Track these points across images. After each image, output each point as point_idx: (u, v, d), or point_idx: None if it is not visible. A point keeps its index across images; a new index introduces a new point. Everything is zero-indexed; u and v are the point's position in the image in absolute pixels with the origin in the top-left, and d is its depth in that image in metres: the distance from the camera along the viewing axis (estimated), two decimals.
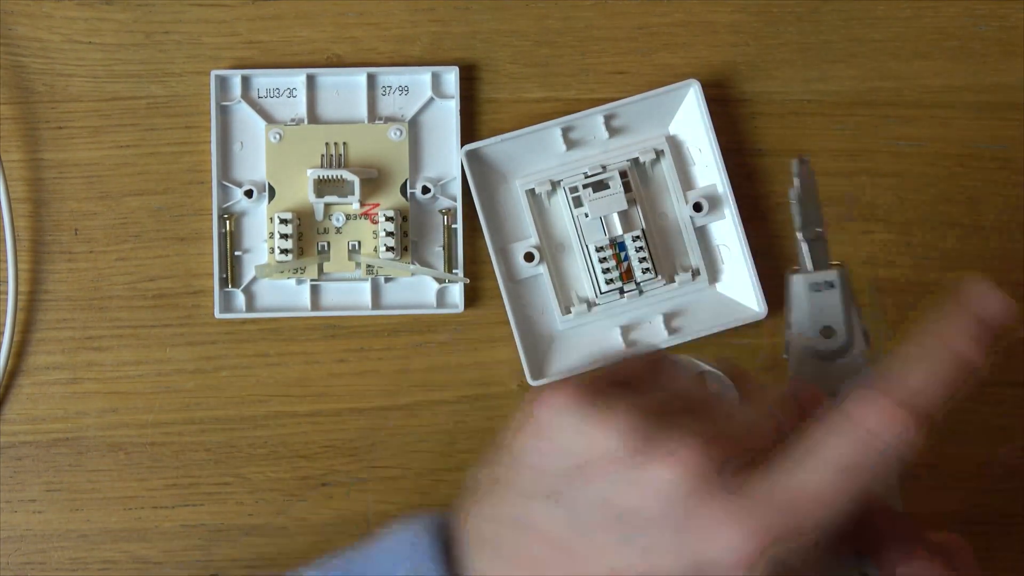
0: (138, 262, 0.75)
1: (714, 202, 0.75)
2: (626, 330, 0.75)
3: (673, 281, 0.74)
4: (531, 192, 0.74)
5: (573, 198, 0.74)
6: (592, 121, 0.74)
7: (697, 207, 0.74)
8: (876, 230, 0.76)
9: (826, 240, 0.56)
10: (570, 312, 0.74)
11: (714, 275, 0.75)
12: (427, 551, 0.57)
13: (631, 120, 0.75)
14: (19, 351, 0.75)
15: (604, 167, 0.74)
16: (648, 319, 0.75)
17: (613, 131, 0.75)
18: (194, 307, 0.75)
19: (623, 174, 0.74)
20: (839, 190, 0.76)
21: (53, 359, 0.75)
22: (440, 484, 0.75)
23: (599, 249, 0.74)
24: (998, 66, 0.77)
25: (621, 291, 0.74)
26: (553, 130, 0.74)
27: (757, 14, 0.76)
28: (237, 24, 0.75)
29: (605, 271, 0.74)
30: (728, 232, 0.75)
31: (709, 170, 0.75)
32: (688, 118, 0.75)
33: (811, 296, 0.56)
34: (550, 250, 0.75)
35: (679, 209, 0.75)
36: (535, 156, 0.75)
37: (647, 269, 0.74)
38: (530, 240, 0.74)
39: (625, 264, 0.74)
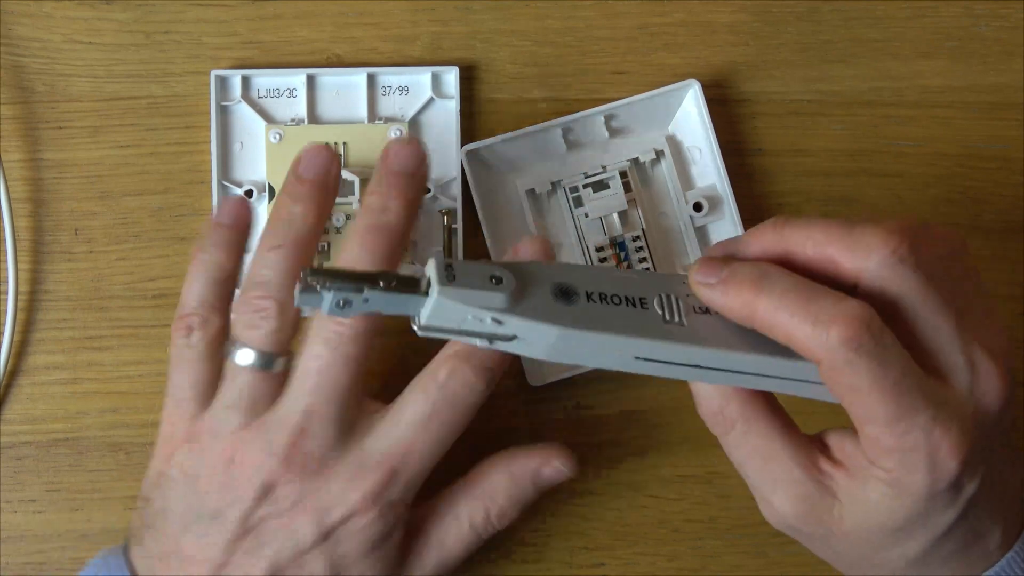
0: (138, 262, 0.75)
1: (714, 202, 0.75)
2: None
3: None
4: (531, 192, 0.74)
5: (573, 198, 0.74)
6: (592, 121, 0.74)
7: (697, 207, 0.74)
8: None
9: None
10: None
11: None
12: None
13: (631, 120, 0.75)
14: (19, 351, 0.75)
15: (604, 167, 0.74)
16: None
17: (613, 131, 0.75)
18: None
19: (623, 174, 0.74)
20: (839, 190, 0.76)
21: (53, 359, 0.75)
22: (438, 483, 0.75)
23: (599, 249, 0.74)
24: (998, 66, 0.77)
25: None
26: (553, 130, 0.74)
27: (757, 14, 0.76)
28: (237, 24, 0.75)
29: None
30: (728, 232, 0.75)
31: (709, 170, 0.75)
32: (688, 118, 0.75)
33: None
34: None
35: (679, 209, 0.75)
36: (535, 156, 0.75)
37: (647, 269, 0.74)
38: None
39: (625, 264, 0.74)
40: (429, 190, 0.74)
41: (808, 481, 0.59)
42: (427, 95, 0.75)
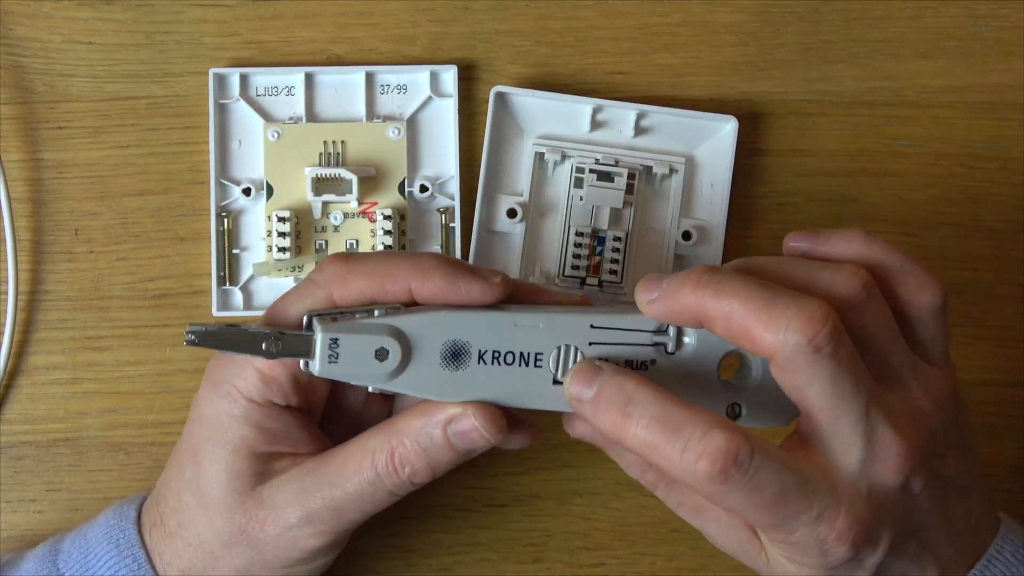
0: (138, 262, 0.75)
1: (703, 237, 0.74)
2: None
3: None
4: (540, 155, 0.74)
5: (576, 178, 0.74)
6: (624, 114, 0.74)
7: (686, 235, 0.74)
8: (876, 230, 0.76)
9: None
10: (528, 280, 0.74)
11: None
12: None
13: (661, 128, 0.75)
14: (19, 351, 0.75)
15: (617, 161, 0.74)
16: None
17: (640, 131, 0.75)
18: (194, 307, 0.75)
19: (631, 175, 0.73)
20: (839, 190, 0.76)
21: (53, 359, 0.75)
22: (438, 483, 0.75)
23: (579, 234, 0.73)
24: (998, 66, 0.77)
25: (583, 281, 0.73)
26: (584, 106, 0.74)
27: (757, 14, 0.76)
28: (237, 24, 0.75)
29: (576, 256, 0.73)
30: None
31: (713, 207, 0.75)
32: (715, 151, 0.75)
33: None
34: (534, 215, 0.75)
35: (669, 229, 0.74)
36: (558, 123, 0.75)
37: (615, 272, 0.73)
38: (520, 198, 0.74)
39: (597, 259, 0.73)
40: (427, 189, 0.74)
41: (737, 527, 0.61)
42: (425, 94, 0.75)
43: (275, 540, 0.63)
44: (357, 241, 0.74)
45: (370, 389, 0.60)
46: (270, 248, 0.73)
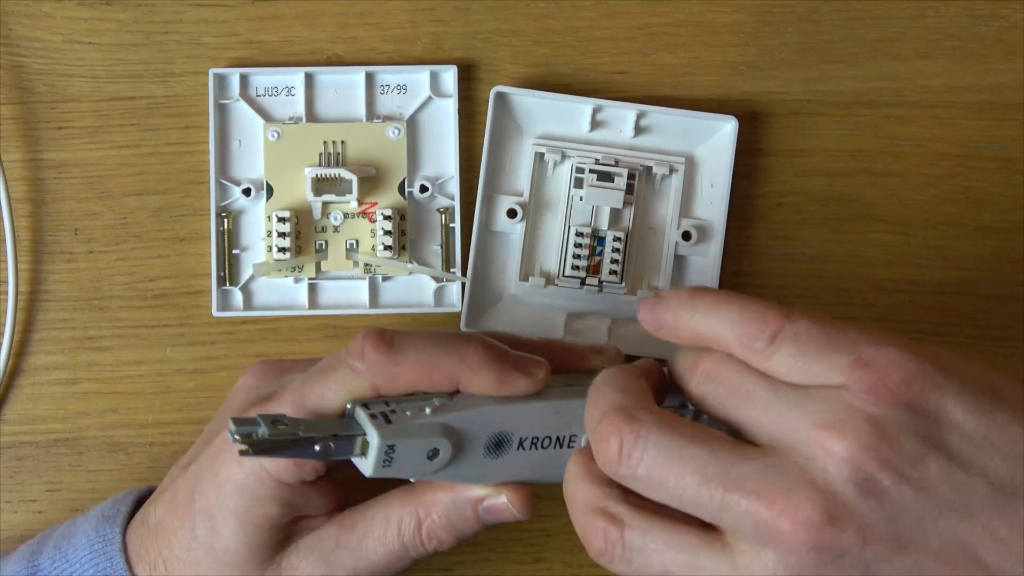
0: (138, 262, 0.75)
1: (703, 236, 0.74)
2: (571, 319, 0.75)
3: (634, 294, 0.74)
4: (540, 155, 0.74)
5: (576, 178, 0.74)
6: (624, 114, 0.74)
7: (686, 236, 0.74)
8: (876, 230, 0.76)
9: None
10: (527, 280, 0.74)
11: None
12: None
13: (661, 128, 0.75)
14: (19, 351, 0.75)
15: (617, 161, 0.74)
16: (596, 319, 0.75)
17: (640, 130, 0.75)
18: (194, 307, 0.75)
19: (631, 175, 0.73)
20: (839, 190, 0.76)
21: (53, 359, 0.75)
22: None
23: (579, 234, 0.73)
24: (998, 66, 0.77)
25: (583, 282, 0.73)
26: (584, 106, 0.74)
27: (757, 14, 0.76)
28: (237, 24, 0.75)
29: (576, 256, 0.73)
30: (706, 270, 0.75)
31: (713, 207, 0.75)
32: (715, 151, 0.75)
33: None
34: (534, 215, 0.75)
35: (669, 230, 0.74)
36: (558, 124, 0.75)
37: (615, 272, 0.73)
38: (520, 198, 0.74)
39: (597, 259, 0.73)
40: (427, 189, 0.74)
41: None
42: (425, 94, 0.75)
43: None
44: (357, 241, 0.74)
45: (411, 480, 0.61)
46: (270, 248, 0.73)
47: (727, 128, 0.74)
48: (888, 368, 0.50)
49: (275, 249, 0.73)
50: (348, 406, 0.59)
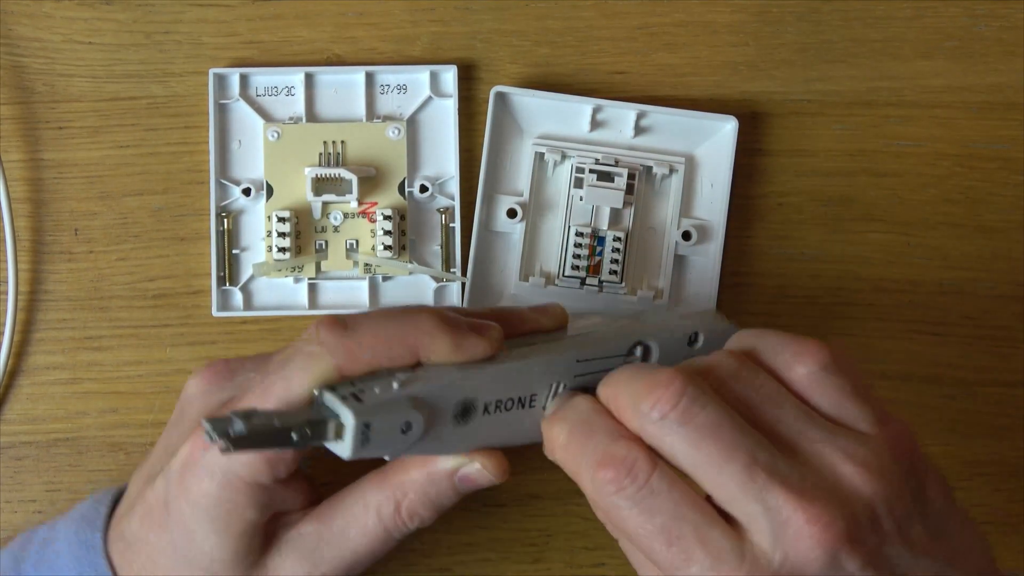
0: (138, 262, 0.75)
1: (703, 236, 0.74)
2: (571, 319, 0.74)
3: (634, 294, 0.74)
4: (540, 155, 0.74)
5: (576, 178, 0.74)
6: (624, 114, 0.74)
7: (686, 235, 0.74)
8: (876, 230, 0.76)
9: None
10: (527, 280, 0.74)
11: (676, 303, 0.75)
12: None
13: (661, 128, 0.75)
14: (19, 351, 0.75)
15: (617, 161, 0.74)
16: (597, 319, 0.74)
17: (640, 130, 0.75)
18: (194, 307, 0.75)
19: (631, 175, 0.73)
20: (839, 190, 0.76)
21: (53, 359, 0.75)
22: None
23: (579, 234, 0.73)
24: (998, 66, 0.77)
25: (582, 282, 0.73)
26: (584, 106, 0.74)
27: (757, 14, 0.76)
28: (237, 24, 0.75)
29: (576, 256, 0.73)
30: (706, 270, 0.75)
31: (713, 207, 0.75)
32: (715, 151, 0.75)
33: None
34: (534, 215, 0.75)
35: (669, 230, 0.74)
36: (558, 123, 0.75)
37: (615, 272, 0.73)
38: (520, 198, 0.74)
39: (597, 259, 0.73)
40: (427, 189, 0.74)
41: None
42: (425, 94, 0.75)
43: None
44: (357, 241, 0.74)
45: (387, 459, 0.61)
46: (270, 248, 0.73)
47: (727, 128, 0.74)
48: (902, 432, 0.56)
49: (275, 249, 0.73)
50: (315, 392, 0.58)
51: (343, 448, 0.56)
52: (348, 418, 0.56)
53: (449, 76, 0.75)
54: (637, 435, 0.55)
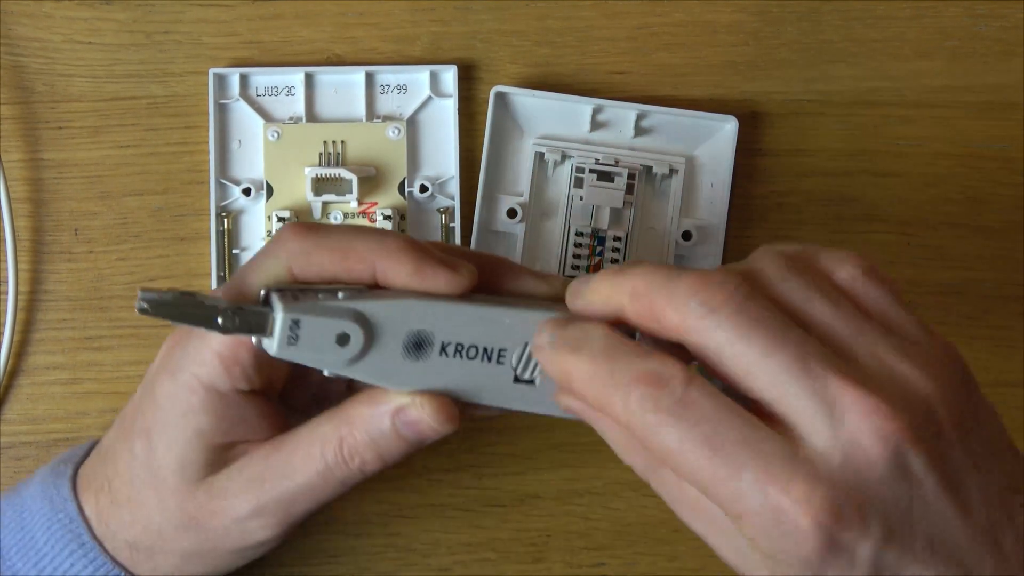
0: (138, 262, 0.75)
1: (704, 236, 0.75)
2: None
3: None
4: (540, 155, 0.74)
5: (576, 178, 0.74)
6: (624, 114, 0.74)
7: (686, 236, 0.74)
8: (876, 230, 0.76)
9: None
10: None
11: None
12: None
13: (661, 129, 0.75)
14: (19, 351, 0.75)
15: (617, 161, 0.74)
16: None
17: (640, 131, 0.75)
18: None
19: (631, 175, 0.73)
20: (839, 190, 0.76)
21: (53, 359, 0.75)
22: (439, 483, 0.75)
23: (579, 234, 0.73)
24: (998, 66, 0.77)
25: None
26: (584, 106, 0.74)
27: (757, 14, 0.76)
28: (237, 24, 0.75)
29: (576, 256, 0.74)
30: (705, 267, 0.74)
31: (713, 207, 0.75)
32: (715, 151, 0.75)
33: None
34: (534, 215, 0.75)
35: (669, 230, 0.75)
36: (558, 124, 0.75)
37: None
38: (520, 198, 0.74)
39: (597, 259, 0.73)
40: (427, 189, 0.74)
41: (734, 531, 0.53)
42: (425, 94, 0.75)
43: (225, 531, 0.62)
44: None
45: (326, 374, 0.58)
46: None
47: (727, 128, 0.74)
48: (952, 345, 0.53)
49: None
50: (263, 291, 0.58)
51: (271, 344, 0.56)
52: (278, 311, 0.56)
53: (449, 76, 0.75)
54: (674, 339, 0.52)
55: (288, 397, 0.64)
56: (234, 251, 0.74)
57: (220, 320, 0.55)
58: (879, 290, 0.53)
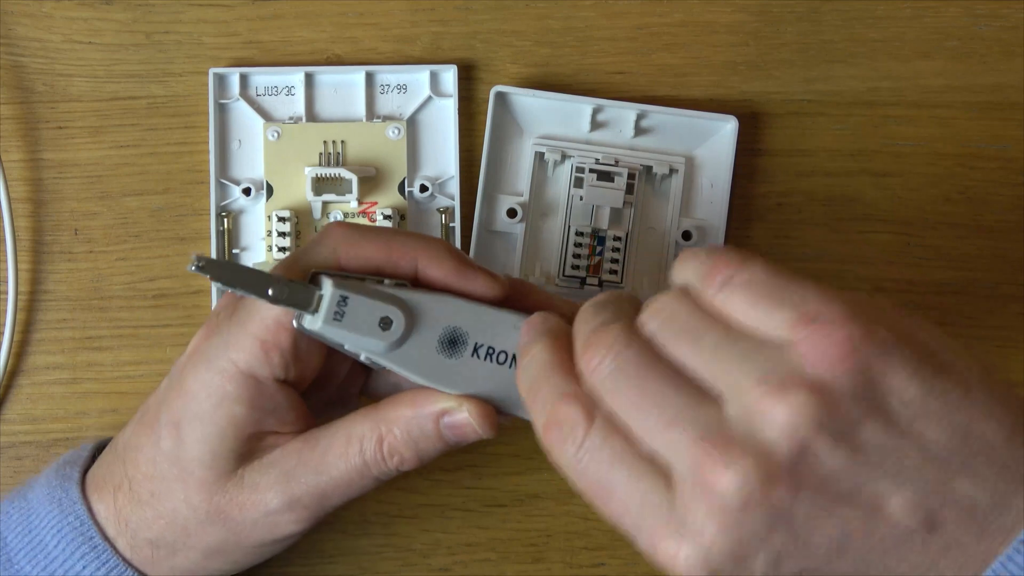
0: (138, 262, 0.75)
1: (703, 237, 0.74)
2: None
3: None
4: (540, 155, 0.74)
5: (576, 178, 0.74)
6: (624, 114, 0.74)
7: (686, 235, 0.74)
8: (876, 230, 0.76)
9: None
10: (528, 279, 0.74)
11: None
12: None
13: (661, 129, 0.75)
14: (19, 351, 0.75)
15: (617, 161, 0.74)
16: None
17: (640, 131, 0.75)
18: (194, 307, 0.75)
19: (631, 175, 0.73)
20: (839, 190, 0.76)
21: (53, 359, 0.75)
22: (439, 483, 0.75)
23: (579, 234, 0.73)
24: (998, 66, 0.77)
25: (583, 282, 0.73)
26: (584, 106, 0.74)
27: (757, 14, 0.76)
28: (237, 24, 0.75)
29: (576, 256, 0.73)
30: None
31: (713, 207, 0.75)
32: (715, 151, 0.75)
33: None
34: (534, 215, 0.75)
35: (669, 230, 0.74)
36: (558, 123, 0.75)
37: (615, 272, 0.73)
38: (520, 198, 0.74)
39: (597, 259, 0.73)
40: (427, 188, 0.74)
41: None
42: (425, 93, 0.75)
43: (253, 524, 0.63)
44: None
45: (362, 358, 0.60)
46: (270, 248, 0.73)
47: (727, 128, 0.74)
48: (833, 327, 0.49)
49: (275, 249, 0.73)
50: (310, 274, 0.60)
51: (315, 320, 0.58)
52: (328, 287, 0.58)
53: (449, 76, 0.75)
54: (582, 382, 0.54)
55: (307, 397, 0.65)
56: (234, 251, 0.74)
57: (271, 291, 0.57)
58: (742, 294, 0.52)
